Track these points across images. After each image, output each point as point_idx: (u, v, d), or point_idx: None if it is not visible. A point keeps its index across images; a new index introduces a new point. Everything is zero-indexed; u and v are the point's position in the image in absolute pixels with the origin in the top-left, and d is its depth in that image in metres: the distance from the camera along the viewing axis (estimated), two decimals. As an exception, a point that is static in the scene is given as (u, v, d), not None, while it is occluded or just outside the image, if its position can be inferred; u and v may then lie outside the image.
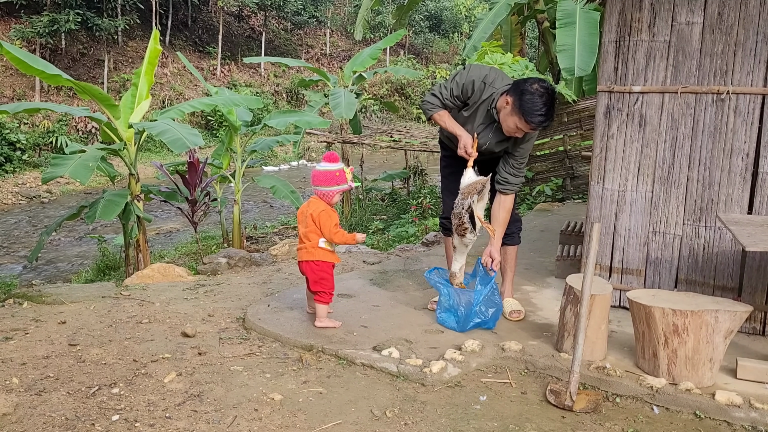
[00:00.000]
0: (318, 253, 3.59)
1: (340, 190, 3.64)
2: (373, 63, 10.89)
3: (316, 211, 3.59)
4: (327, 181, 3.60)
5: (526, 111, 3.35)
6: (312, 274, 3.62)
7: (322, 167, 3.62)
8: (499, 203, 3.72)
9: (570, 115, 8.67)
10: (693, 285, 3.72)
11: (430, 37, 35.00)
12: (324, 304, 3.63)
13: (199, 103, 7.56)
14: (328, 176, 3.60)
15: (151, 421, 2.64)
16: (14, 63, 6.07)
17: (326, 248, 3.61)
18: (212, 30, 28.24)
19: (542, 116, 3.36)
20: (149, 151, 19.51)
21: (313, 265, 3.60)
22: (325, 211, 3.60)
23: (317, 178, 3.62)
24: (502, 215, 3.72)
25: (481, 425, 2.69)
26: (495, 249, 3.70)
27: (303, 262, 3.65)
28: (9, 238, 12.13)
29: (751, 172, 3.55)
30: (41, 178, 6.44)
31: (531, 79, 3.44)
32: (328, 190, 3.61)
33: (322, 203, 3.63)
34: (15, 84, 20.11)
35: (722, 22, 3.52)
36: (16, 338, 3.50)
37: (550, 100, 3.36)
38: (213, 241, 9.78)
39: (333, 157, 3.67)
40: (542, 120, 3.38)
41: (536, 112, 3.34)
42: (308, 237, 3.62)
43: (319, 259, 3.60)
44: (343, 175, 3.62)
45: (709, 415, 2.76)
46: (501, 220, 3.72)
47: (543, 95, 3.34)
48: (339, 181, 3.61)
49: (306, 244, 3.62)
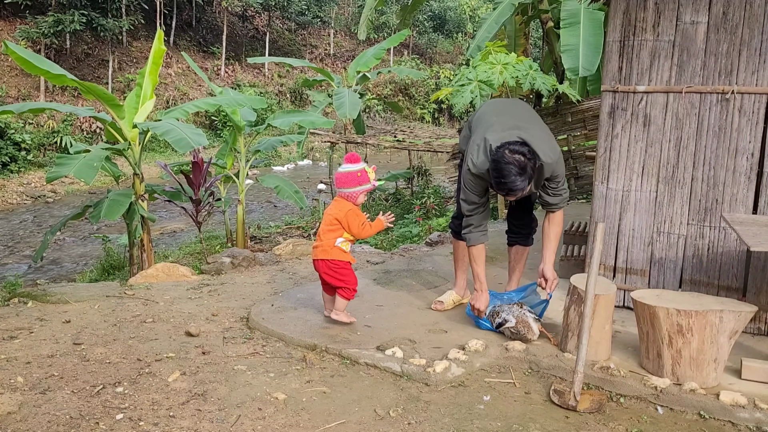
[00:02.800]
0: (333, 252, 3.60)
1: (363, 190, 3.63)
2: (376, 63, 10.90)
3: (342, 212, 3.58)
4: (349, 183, 3.58)
5: (494, 183, 3.29)
6: (330, 273, 3.61)
7: (343, 169, 3.60)
8: (548, 220, 3.66)
9: (574, 115, 8.65)
10: (697, 285, 3.70)
11: (434, 37, 34.98)
12: (346, 299, 3.63)
13: (203, 103, 7.57)
14: (350, 177, 3.58)
15: (155, 420, 2.64)
16: (19, 63, 6.10)
17: (342, 248, 3.61)
18: (216, 30, 28.29)
19: (504, 183, 3.22)
20: (153, 151, 19.55)
21: (330, 264, 3.60)
22: (352, 210, 3.60)
23: (340, 181, 3.61)
24: (553, 230, 3.65)
25: (485, 425, 2.68)
26: (549, 267, 3.60)
27: (318, 260, 3.64)
28: (14, 237, 12.17)
29: (755, 172, 3.54)
30: (46, 177, 6.45)
31: (505, 144, 3.27)
32: (352, 191, 3.60)
33: (348, 203, 3.62)
34: (20, 84, 20.17)
35: (727, 21, 3.51)
36: (20, 337, 3.52)
37: (515, 167, 3.18)
38: (217, 241, 9.80)
39: (354, 158, 3.64)
40: (505, 188, 3.24)
41: (501, 181, 3.23)
42: (325, 236, 3.61)
43: (335, 258, 3.59)
44: (365, 175, 3.60)
45: (714, 416, 2.75)
46: (552, 236, 3.64)
47: (508, 163, 3.19)
48: (361, 181, 3.59)
49: (322, 243, 3.62)
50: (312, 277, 5.01)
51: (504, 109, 3.76)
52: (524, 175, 3.21)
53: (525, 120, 3.57)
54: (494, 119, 3.57)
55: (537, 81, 6.62)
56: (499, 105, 3.89)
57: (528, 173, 3.22)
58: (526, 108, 3.87)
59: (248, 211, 13.20)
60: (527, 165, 3.21)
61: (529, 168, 3.22)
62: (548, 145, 3.43)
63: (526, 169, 3.21)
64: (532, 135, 3.37)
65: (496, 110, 3.72)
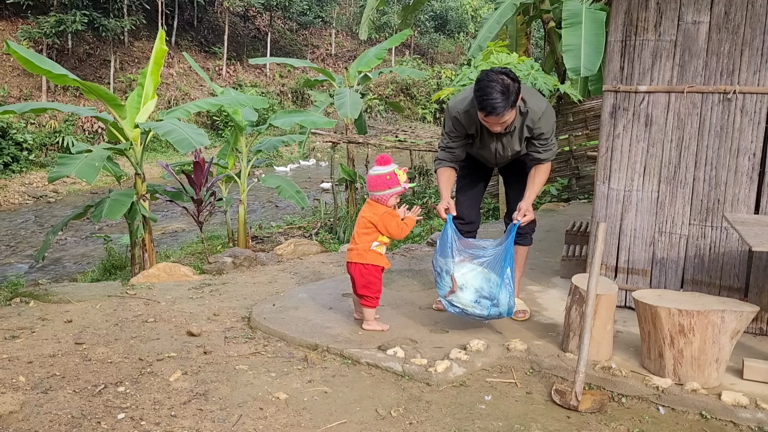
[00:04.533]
0: (369, 256, 3.54)
1: (393, 193, 3.53)
2: (378, 63, 10.88)
3: (377, 215, 3.52)
4: (379, 186, 3.51)
5: (477, 102, 3.29)
6: (360, 278, 3.56)
7: (373, 172, 3.53)
8: (535, 169, 3.62)
9: (575, 115, 8.66)
10: (699, 285, 3.70)
11: (435, 37, 34.98)
12: (371, 308, 3.59)
13: (204, 103, 7.57)
14: (379, 180, 3.50)
15: (157, 419, 2.64)
16: (21, 63, 6.10)
17: (378, 252, 3.56)
18: (218, 30, 28.30)
19: (487, 100, 3.21)
20: (155, 151, 19.56)
21: (362, 269, 3.55)
22: (387, 212, 3.53)
23: (371, 183, 3.53)
24: (539, 177, 3.59)
25: (486, 425, 2.68)
26: (524, 202, 3.54)
27: (352, 263, 3.58)
28: (15, 237, 12.18)
29: (757, 172, 3.54)
30: (47, 177, 6.46)
31: (487, 70, 3.33)
32: (382, 195, 3.53)
33: (382, 206, 3.55)
34: (22, 84, 20.19)
35: (729, 21, 3.51)
36: (22, 337, 3.52)
37: (498, 85, 3.20)
38: (218, 241, 9.80)
39: (384, 160, 3.54)
40: (488, 105, 3.22)
41: (483, 98, 3.23)
42: (360, 239, 3.55)
43: (369, 263, 3.54)
44: (394, 178, 3.51)
45: (716, 416, 2.75)
46: (537, 181, 3.59)
47: (492, 81, 3.21)
48: (391, 184, 3.50)
49: (357, 246, 3.56)
50: (313, 277, 5.02)
51: None
52: (507, 95, 3.22)
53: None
54: None
55: (538, 81, 6.62)
56: None
57: (511, 95, 3.23)
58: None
59: (250, 211, 13.20)
60: (510, 85, 3.23)
61: (513, 89, 3.23)
62: (537, 99, 3.47)
63: (509, 89, 3.23)
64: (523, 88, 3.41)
65: None
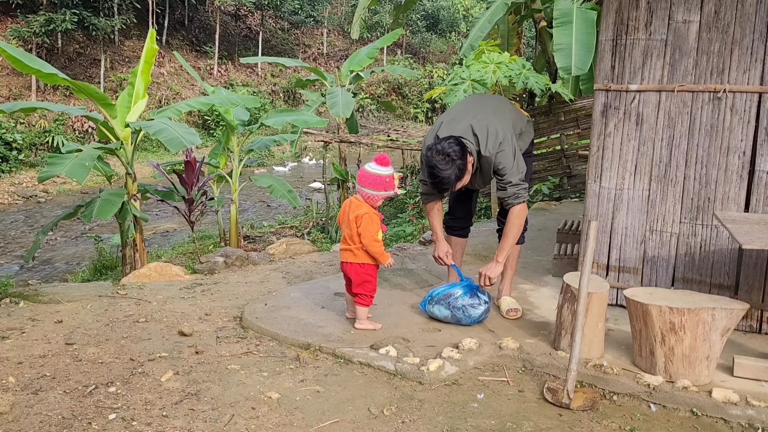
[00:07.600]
0: (364, 255, 3.53)
1: (386, 195, 3.52)
2: (370, 62, 10.88)
3: (358, 214, 3.48)
4: (376, 185, 3.47)
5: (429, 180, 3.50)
6: (356, 276, 3.55)
7: (373, 169, 3.48)
8: (509, 213, 3.62)
9: (567, 114, 8.68)
10: (690, 283, 3.72)
11: (427, 37, 34.98)
12: (364, 307, 3.58)
13: (196, 103, 7.54)
14: (378, 180, 3.46)
15: (148, 419, 2.63)
16: (10, 62, 6.05)
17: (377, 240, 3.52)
18: (209, 29, 28.19)
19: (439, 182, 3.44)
20: (146, 151, 19.47)
21: (358, 267, 3.54)
22: (368, 214, 3.48)
23: (366, 180, 3.48)
24: (507, 227, 3.62)
25: (479, 423, 2.69)
26: (490, 265, 3.66)
27: (347, 263, 3.57)
28: (5, 237, 12.09)
29: (747, 170, 3.56)
30: (38, 177, 6.41)
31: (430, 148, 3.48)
32: (374, 194, 3.49)
33: (366, 206, 3.51)
34: (11, 83, 20.04)
35: (719, 20, 3.53)
36: (12, 337, 3.50)
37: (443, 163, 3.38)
38: (210, 241, 9.76)
39: (385, 161, 3.51)
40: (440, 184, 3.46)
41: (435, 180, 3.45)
42: (354, 239, 3.52)
43: (365, 262, 3.53)
44: (392, 181, 3.50)
45: (706, 413, 2.76)
46: (509, 234, 3.61)
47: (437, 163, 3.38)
48: (387, 186, 3.49)
49: (352, 246, 3.53)
50: (305, 276, 5.01)
51: (474, 101, 3.87)
52: (453, 167, 3.39)
53: (489, 110, 3.67)
54: (455, 114, 3.70)
55: (530, 80, 6.63)
56: (470, 99, 3.98)
57: (456, 164, 3.39)
58: (497, 101, 3.94)
59: (241, 211, 13.17)
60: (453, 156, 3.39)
61: (457, 160, 3.40)
62: (495, 139, 3.50)
63: (455, 162, 3.39)
64: (482, 125, 3.51)
65: (465, 104, 3.84)
